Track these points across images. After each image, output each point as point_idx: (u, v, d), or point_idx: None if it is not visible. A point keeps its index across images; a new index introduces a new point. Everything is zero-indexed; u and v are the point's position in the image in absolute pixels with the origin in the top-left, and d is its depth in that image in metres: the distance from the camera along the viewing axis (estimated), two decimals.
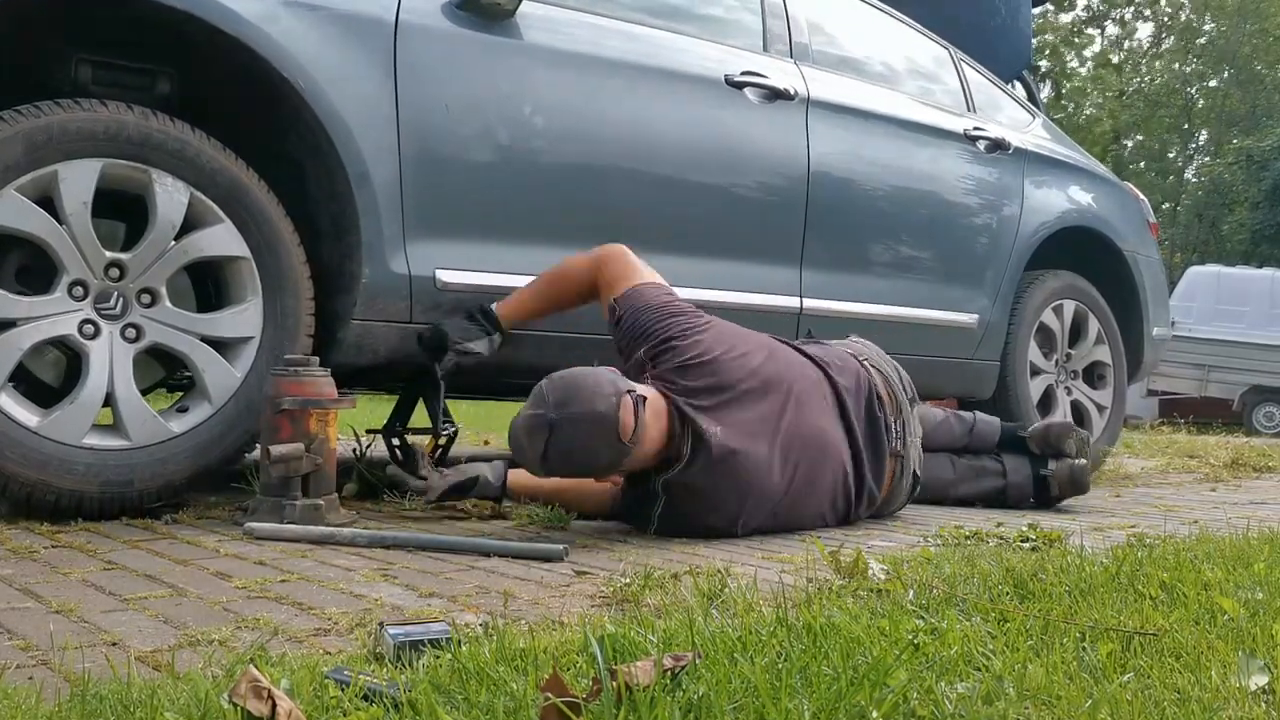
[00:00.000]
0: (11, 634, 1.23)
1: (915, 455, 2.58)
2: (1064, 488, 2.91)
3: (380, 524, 2.17)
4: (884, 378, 2.56)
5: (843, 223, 3.19)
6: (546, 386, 2.01)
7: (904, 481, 2.55)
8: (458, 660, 1.05)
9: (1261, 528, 2.25)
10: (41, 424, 2.02)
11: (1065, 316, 3.97)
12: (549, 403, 1.97)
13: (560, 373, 2.04)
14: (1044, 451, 2.93)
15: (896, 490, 2.54)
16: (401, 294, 2.38)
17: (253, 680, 0.90)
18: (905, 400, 2.57)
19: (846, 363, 2.51)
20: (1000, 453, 2.99)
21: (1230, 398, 13.86)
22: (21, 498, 2.01)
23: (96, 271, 2.10)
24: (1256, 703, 1.01)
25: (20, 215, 2.01)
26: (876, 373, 2.55)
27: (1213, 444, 6.25)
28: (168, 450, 2.13)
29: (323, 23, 2.26)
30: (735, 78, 2.94)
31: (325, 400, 2.10)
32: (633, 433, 1.99)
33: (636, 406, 2.00)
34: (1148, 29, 31.67)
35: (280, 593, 1.49)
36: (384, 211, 2.33)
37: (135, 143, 2.09)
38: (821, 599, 1.41)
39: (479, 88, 2.47)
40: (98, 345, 2.09)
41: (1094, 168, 4.32)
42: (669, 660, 1.00)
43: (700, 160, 2.86)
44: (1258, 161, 22.69)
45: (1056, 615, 1.31)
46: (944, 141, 3.55)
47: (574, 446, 1.96)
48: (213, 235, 2.19)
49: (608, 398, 1.97)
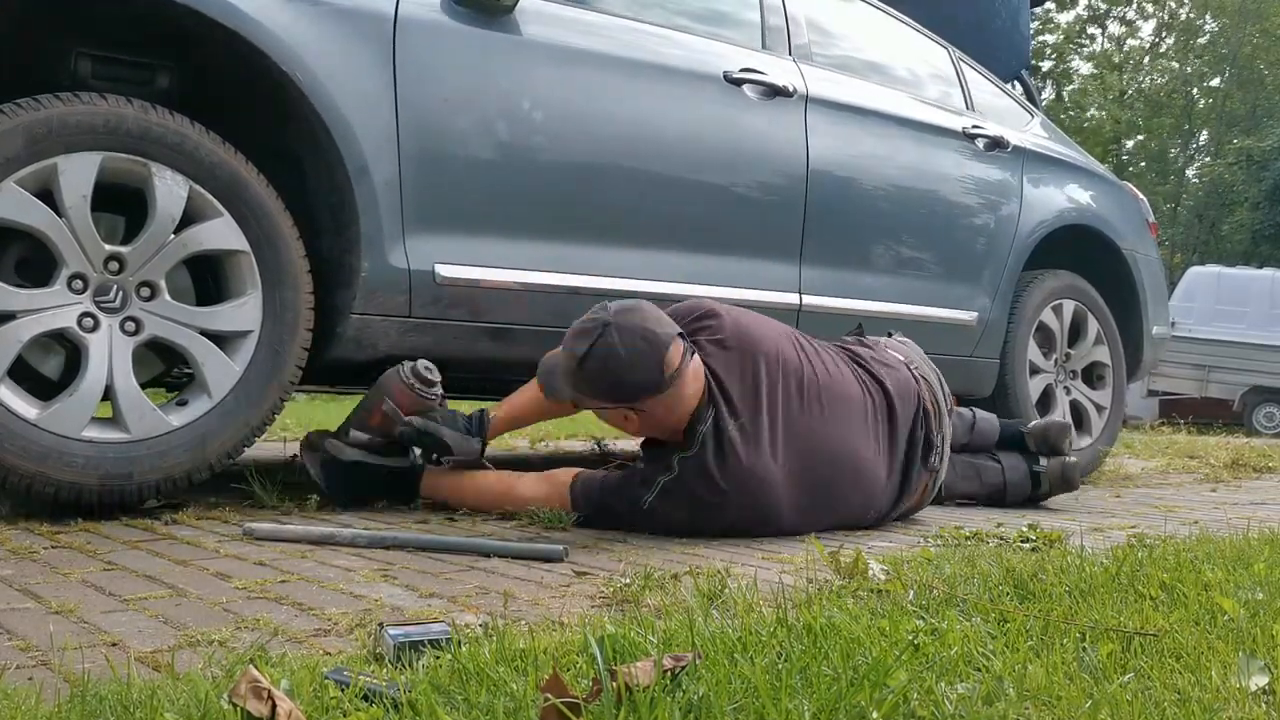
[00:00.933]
0: (11, 634, 1.23)
1: (946, 467, 2.55)
2: (1055, 484, 2.94)
3: (380, 524, 2.17)
4: (930, 388, 2.51)
5: (842, 220, 3.19)
6: (610, 302, 2.06)
7: (933, 493, 2.53)
8: (458, 661, 1.05)
9: (1262, 528, 2.25)
10: (41, 416, 2.02)
11: (1064, 316, 3.97)
12: (609, 309, 2.02)
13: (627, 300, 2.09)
14: (1039, 449, 2.96)
15: (923, 502, 2.52)
16: (401, 288, 2.38)
17: (252, 681, 0.90)
18: (945, 410, 2.53)
19: (900, 374, 2.45)
20: (998, 451, 2.99)
21: (1230, 398, 13.87)
22: (21, 490, 2.01)
23: (96, 265, 2.09)
24: (1256, 703, 1.01)
25: (20, 208, 2.01)
26: (924, 383, 2.50)
27: (1213, 444, 6.25)
28: (167, 443, 2.12)
29: (322, 17, 2.26)
30: (734, 74, 2.94)
31: None
32: (675, 369, 2.01)
33: (686, 352, 2.05)
34: (1148, 28, 31.70)
35: (280, 593, 1.49)
36: (383, 205, 2.33)
37: (135, 136, 2.09)
38: (821, 599, 1.41)
39: (478, 82, 2.48)
40: (97, 338, 2.09)
41: (1092, 166, 4.32)
42: (669, 661, 1.00)
43: (699, 156, 2.86)
44: (1258, 162, 22.72)
45: (1057, 616, 1.31)
46: (943, 139, 3.55)
47: (618, 354, 1.97)
48: (212, 229, 2.19)
49: (666, 327, 2.03)
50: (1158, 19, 30.52)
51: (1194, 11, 29.33)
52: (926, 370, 2.56)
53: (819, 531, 2.24)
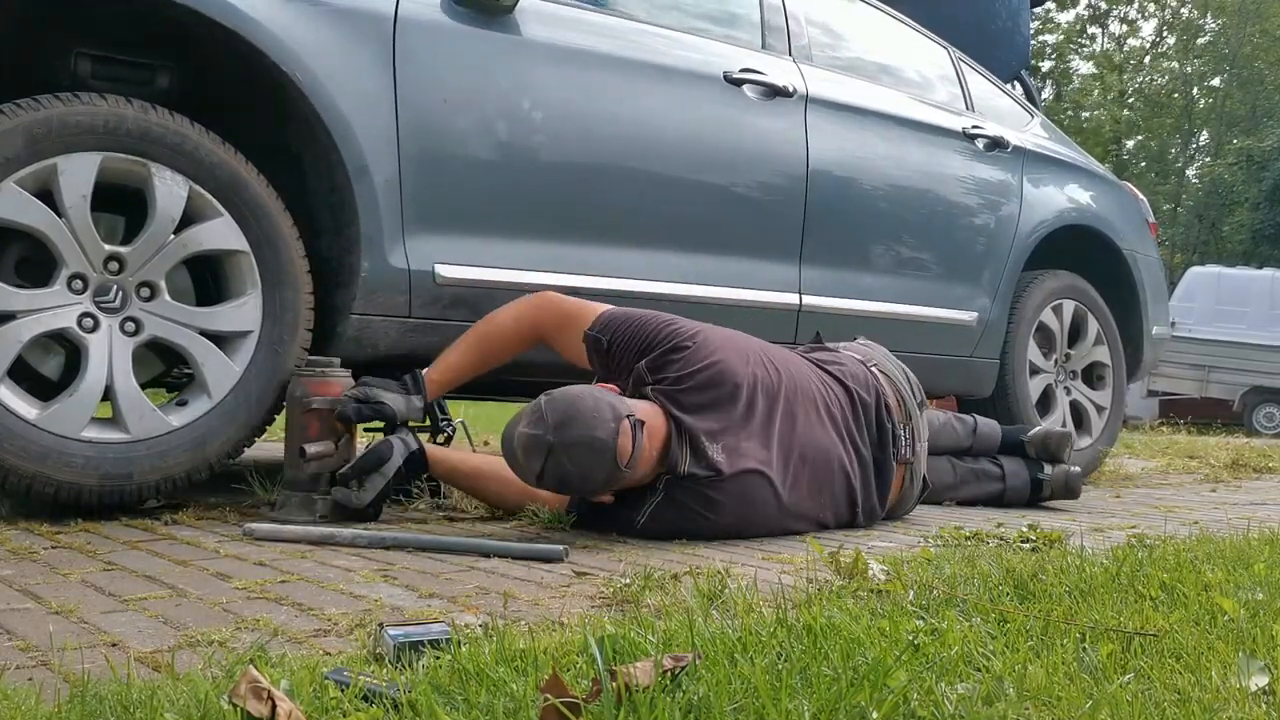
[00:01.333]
0: (11, 634, 1.23)
1: (924, 461, 2.57)
2: (1057, 492, 2.99)
3: (380, 525, 2.17)
4: (893, 384, 2.54)
5: (842, 220, 3.19)
6: (546, 406, 1.98)
7: (913, 488, 2.54)
8: (458, 661, 1.05)
9: (1262, 528, 2.25)
10: (40, 417, 2.01)
11: (1064, 316, 3.97)
12: (548, 424, 1.95)
13: (561, 392, 2.01)
14: (1040, 456, 2.99)
15: (905, 496, 2.54)
16: (401, 288, 2.38)
17: (252, 681, 0.90)
18: (915, 406, 2.55)
19: (856, 370, 2.48)
20: (998, 456, 3.01)
21: (1230, 398, 13.87)
22: (20, 490, 2.01)
23: (96, 265, 2.09)
24: (1256, 703, 1.01)
25: (20, 208, 2.01)
26: (885, 379, 2.53)
27: (1213, 444, 6.25)
28: (167, 444, 2.12)
29: (322, 16, 2.26)
30: (734, 75, 2.94)
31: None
32: (630, 458, 1.99)
33: (635, 432, 1.99)
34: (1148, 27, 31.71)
35: (280, 593, 1.49)
36: (383, 205, 2.33)
37: (134, 136, 2.09)
38: (821, 600, 1.41)
39: (478, 82, 2.47)
40: (97, 338, 2.09)
41: (1092, 167, 4.32)
42: (669, 661, 1.00)
43: (699, 157, 2.86)
44: (1258, 162, 22.73)
45: (1057, 616, 1.31)
46: (943, 139, 3.55)
47: (571, 471, 1.97)
48: (212, 229, 2.19)
49: (607, 423, 1.96)
50: (1158, 18, 30.55)
51: (1195, 11, 29.34)
52: (890, 368, 2.59)
53: (811, 528, 2.26)
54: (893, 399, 2.50)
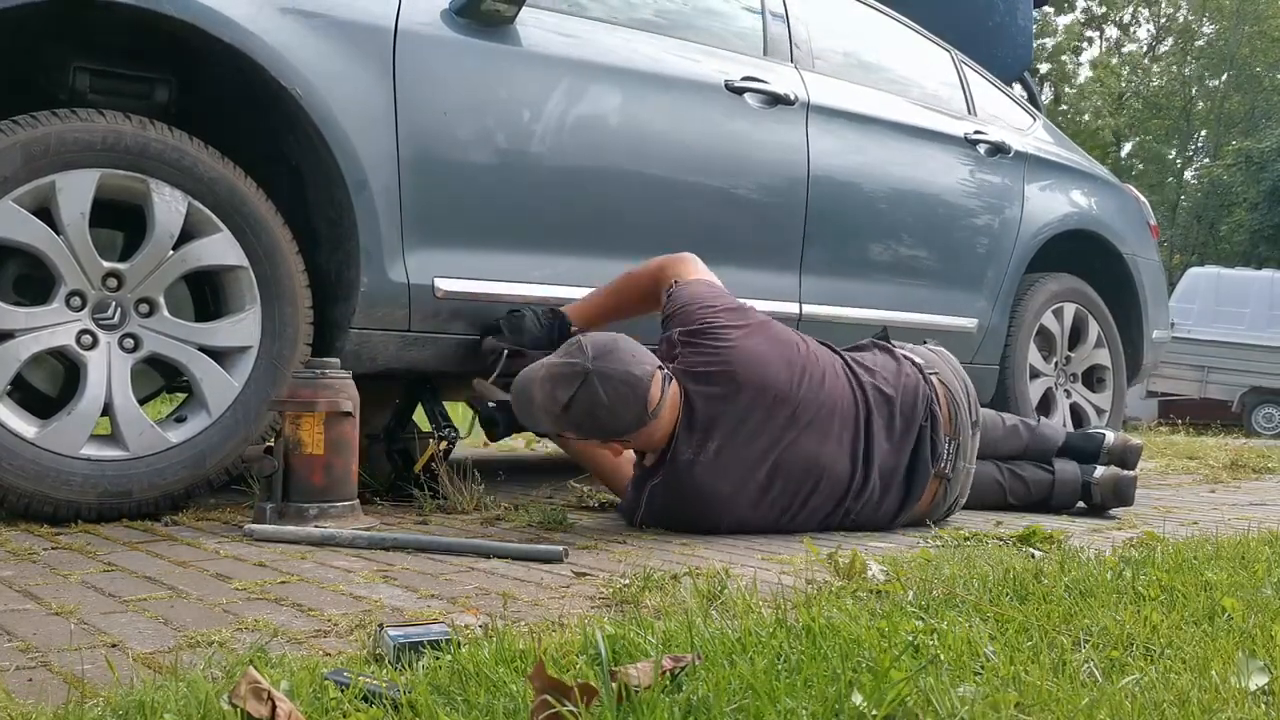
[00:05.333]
0: (11, 635, 1.23)
1: (964, 481, 2.48)
2: (1107, 497, 2.81)
3: (380, 526, 2.17)
4: (949, 395, 2.46)
5: (842, 228, 3.19)
6: (585, 340, 2.05)
7: (945, 501, 2.45)
8: (457, 662, 1.05)
9: (1262, 529, 2.25)
10: (39, 435, 2.01)
11: (1065, 319, 3.97)
12: (587, 354, 2.02)
13: (597, 332, 2.10)
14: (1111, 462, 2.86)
15: (935, 508, 2.45)
16: (400, 302, 2.38)
17: (252, 682, 0.90)
18: (968, 422, 2.47)
19: (906, 379, 2.40)
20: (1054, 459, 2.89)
21: (1230, 399, 13.86)
22: (19, 509, 2.01)
23: (94, 282, 2.09)
24: (1256, 703, 1.01)
25: (18, 226, 2.01)
26: (942, 388, 2.45)
27: (1212, 445, 6.25)
28: (166, 460, 2.12)
29: (321, 30, 2.26)
30: (735, 83, 2.94)
31: (294, 402, 2.10)
32: (656, 405, 2.05)
33: (665, 384, 2.08)
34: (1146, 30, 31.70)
35: (280, 594, 1.49)
36: (382, 219, 2.32)
37: (133, 152, 2.09)
38: (821, 600, 1.41)
39: (478, 95, 2.47)
40: (96, 355, 2.08)
41: (1095, 170, 4.32)
42: (668, 661, 1.00)
43: (700, 166, 2.86)
44: (1257, 163, 22.74)
45: (1057, 616, 1.31)
46: (945, 146, 3.55)
47: (601, 401, 2.00)
48: (210, 244, 2.19)
49: (643, 364, 2.04)
50: (1155, 21, 30.56)
51: (1191, 13, 29.35)
52: (951, 378, 2.51)
53: (799, 525, 2.25)
54: (945, 410, 2.42)
